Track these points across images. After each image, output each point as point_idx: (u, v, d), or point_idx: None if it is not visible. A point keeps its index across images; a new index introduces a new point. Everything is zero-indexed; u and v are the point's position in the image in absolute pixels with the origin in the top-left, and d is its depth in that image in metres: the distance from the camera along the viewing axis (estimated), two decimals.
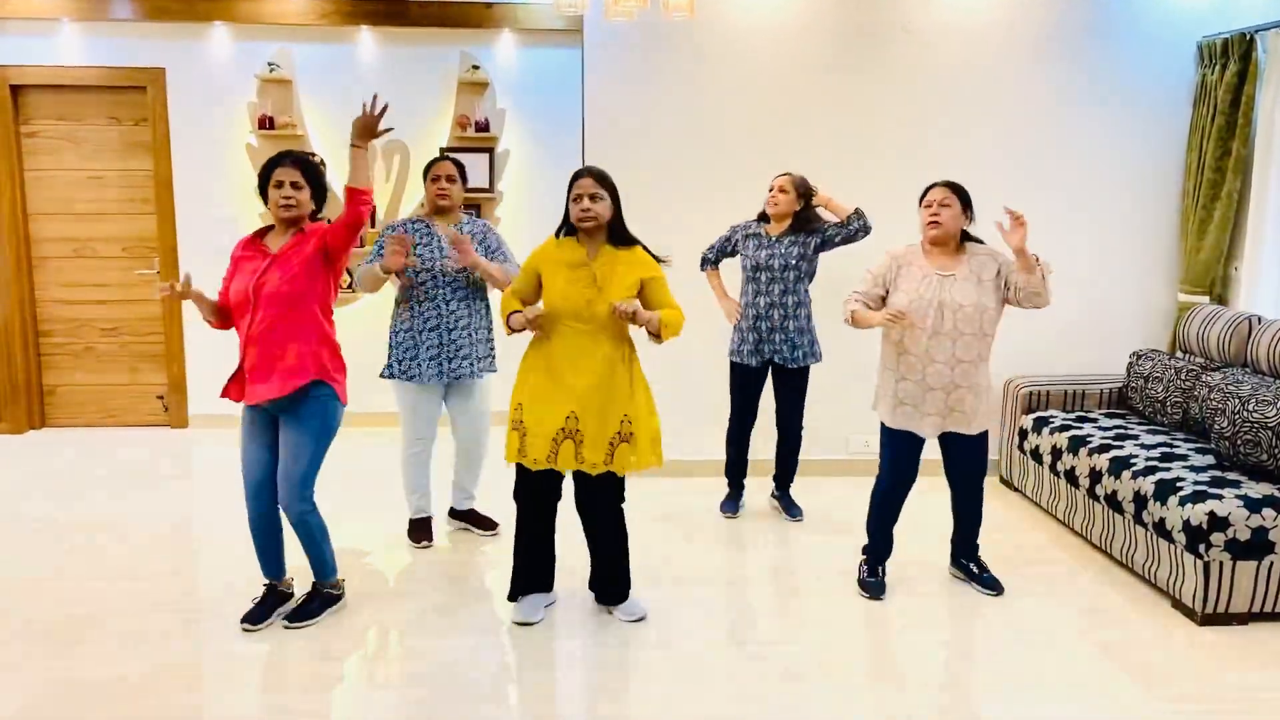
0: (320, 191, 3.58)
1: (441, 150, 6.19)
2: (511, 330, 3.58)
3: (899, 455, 3.96)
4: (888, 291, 3.88)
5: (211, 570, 4.22)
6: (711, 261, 4.80)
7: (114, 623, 3.70)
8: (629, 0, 4.06)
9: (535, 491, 3.67)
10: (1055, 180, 5.40)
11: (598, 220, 3.52)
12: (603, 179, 3.54)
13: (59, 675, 3.31)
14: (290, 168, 3.48)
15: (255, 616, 3.68)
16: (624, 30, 5.24)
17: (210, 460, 5.87)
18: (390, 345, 4.32)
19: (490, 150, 6.30)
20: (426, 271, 4.20)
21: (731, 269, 4.95)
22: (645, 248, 3.62)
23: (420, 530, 4.51)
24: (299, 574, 3.98)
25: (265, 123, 6.13)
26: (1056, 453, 4.73)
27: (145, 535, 4.59)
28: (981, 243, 3.88)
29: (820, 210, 4.65)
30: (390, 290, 5.64)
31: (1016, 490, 5.27)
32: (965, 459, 3.97)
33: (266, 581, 3.77)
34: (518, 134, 6.38)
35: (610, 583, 3.80)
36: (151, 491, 5.24)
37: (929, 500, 4.99)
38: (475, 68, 6.20)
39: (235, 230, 6.31)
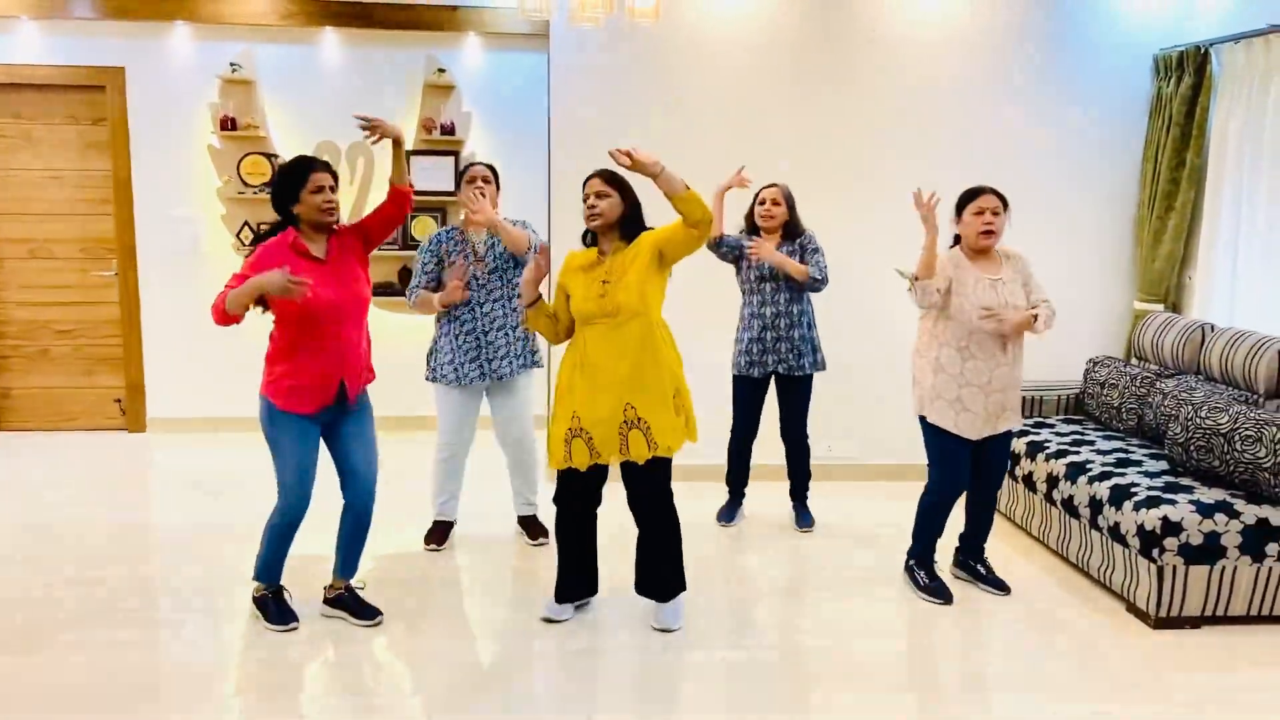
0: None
1: (407, 155, 6.16)
2: (528, 310, 3.67)
3: (955, 461, 3.98)
4: (948, 286, 3.87)
5: (170, 574, 4.17)
6: (719, 242, 4.60)
7: (71, 629, 3.64)
8: (594, 6, 4.06)
9: (580, 496, 3.70)
10: (1014, 189, 5.45)
11: (605, 219, 3.56)
12: (611, 178, 3.59)
13: (9, 680, 3.25)
14: (324, 172, 3.45)
15: (368, 611, 3.73)
16: (590, 35, 5.25)
17: (169, 465, 5.80)
18: (432, 349, 4.39)
19: (456, 154, 6.28)
20: (470, 277, 4.25)
21: (723, 279, 4.91)
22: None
23: (435, 534, 4.52)
24: (290, 575, 3.94)
25: (227, 124, 6.07)
26: (1015, 458, 4.79)
27: (101, 540, 4.52)
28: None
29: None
30: None
31: None
32: (1000, 456, 4.06)
33: (343, 585, 3.79)
34: (484, 137, 6.36)
35: (664, 579, 3.75)
36: (109, 496, 5.17)
37: (878, 505, 5.04)
38: (441, 71, 6.18)
39: (195, 232, 6.25)
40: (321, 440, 3.64)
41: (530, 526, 4.62)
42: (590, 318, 3.55)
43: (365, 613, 3.72)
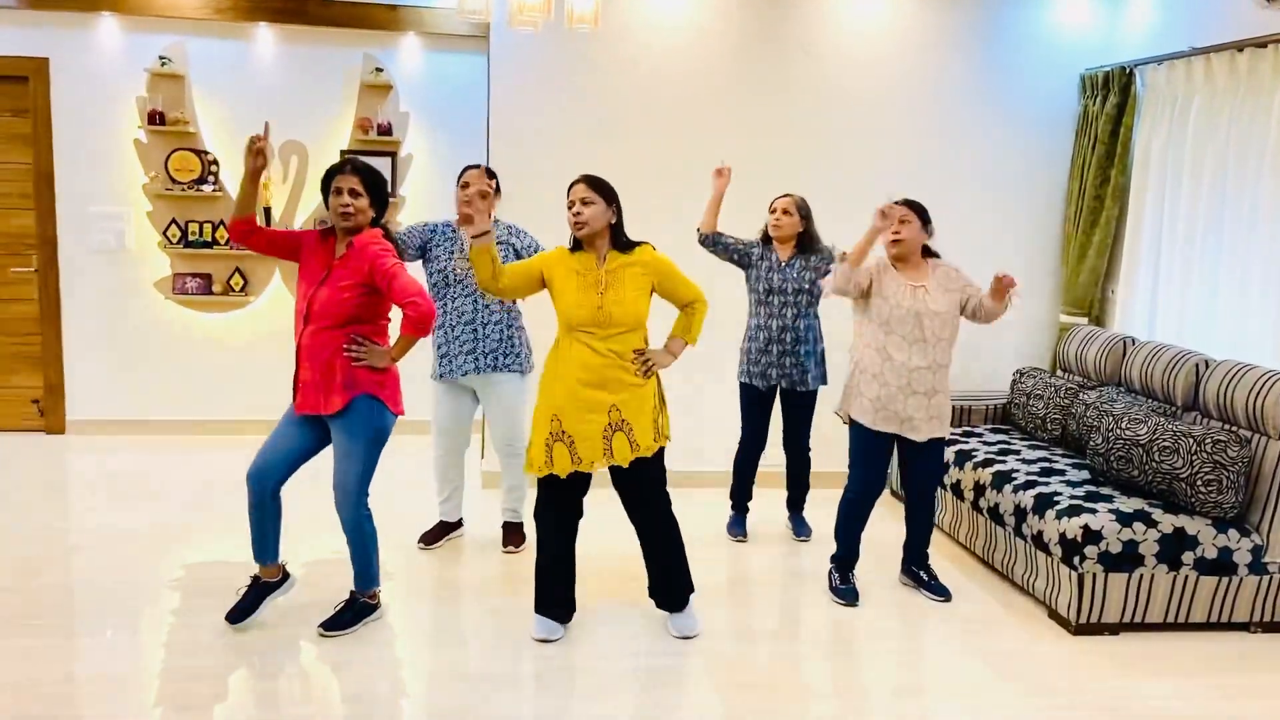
0: (382, 199, 3.51)
1: (343, 154, 6.08)
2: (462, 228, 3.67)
3: (873, 460, 4.06)
4: (871, 286, 3.98)
5: (88, 580, 4.04)
6: (713, 240, 4.60)
7: None
8: (533, 10, 4.04)
9: (561, 507, 3.64)
10: (943, 203, 5.56)
11: (590, 225, 3.50)
12: (595, 184, 3.53)
13: None
14: (350, 174, 3.42)
15: (238, 614, 3.65)
16: (529, 39, 5.23)
17: (88, 468, 5.63)
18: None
19: (393, 154, 6.21)
20: (438, 273, 4.28)
21: (732, 285, 4.87)
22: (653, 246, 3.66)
23: (432, 532, 4.56)
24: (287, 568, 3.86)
25: (155, 118, 5.93)
26: (944, 467, 4.87)
27: (17, 545, 4.37)
28: (938, 256, 4.10)
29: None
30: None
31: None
32: (930, 462, 4.11)
33: (255, 572, 3.75)
34: (421, 138, 6.30)
35: (674, 587, 3.76)
36: (25, 500, 5.00)
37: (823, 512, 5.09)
38: (379, 70, 6.10)
39: (119, 228, 6.08)
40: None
41: (510, 533, 4.58)
42: (582, 326, 3.50)
43: (336, 623, 3.69)
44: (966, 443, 4.92)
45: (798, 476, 4.87)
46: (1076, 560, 3.83)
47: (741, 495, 4.88)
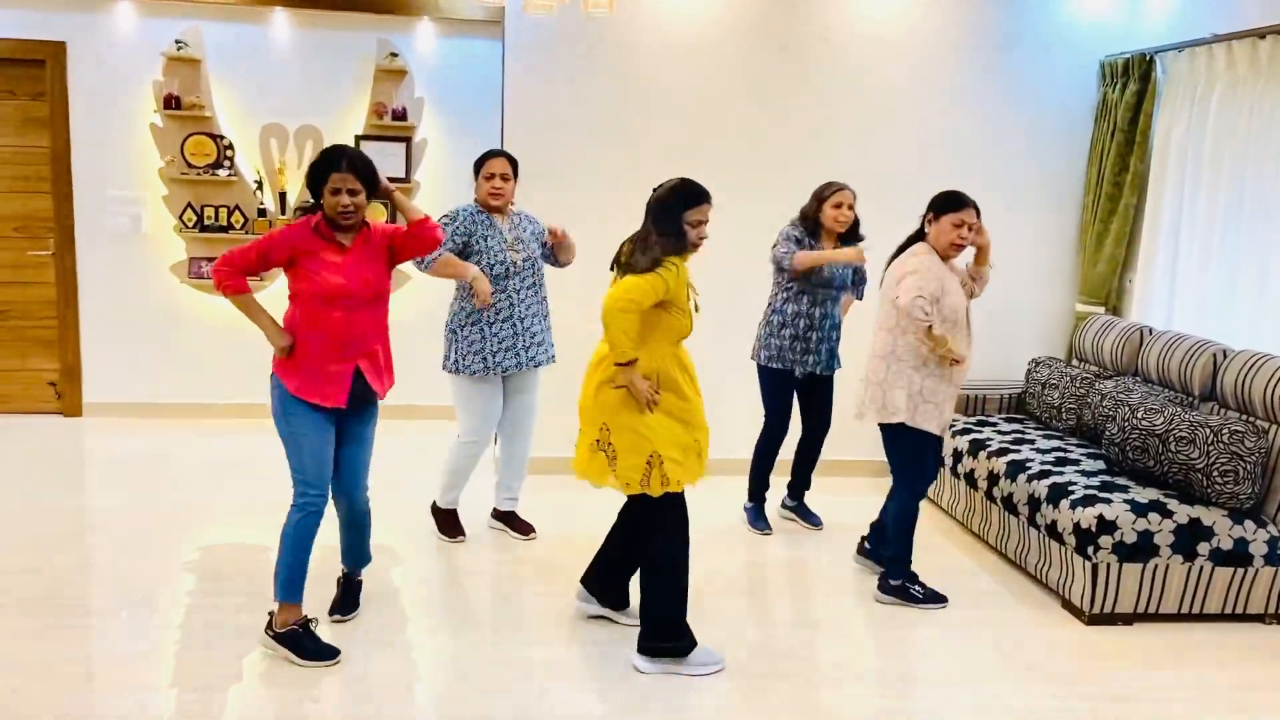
0: (373, 186, 3.38)
1: (357, 139, 6.08)
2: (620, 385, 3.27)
3: (929, 467, 4.01)
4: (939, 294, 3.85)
5: (106, 562, 4.08)
6: (790, 256, 4.43)
7: (2, 617, 3.56)
8: None
9: (687, 519, 3.41)
10: (962, 190, 5.52)
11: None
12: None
13: None
14: (347, 173, 3.25)
15: (346, 607, 3.70)
16: (545, 24, 5.21)
17: (104, 450, 5.67)
18: (453, 339, 4.24)
19: (408, 139, 6.21)
20: (500, 264, 4.16)
21: (739, 273, 4.82)
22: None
23: (456, 525, 4.50)
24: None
25: (171, 102, 5.94)
26: (958, 456, 4.85)
27: (34, 526, 4.41)
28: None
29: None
30: (438, 284, 5.52)
31: None
32: (940, 450, 4.12)
33: (344, 570, 3.76)
34: (436, 124, 6.30)
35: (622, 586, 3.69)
36: (42, 482, 5.04)
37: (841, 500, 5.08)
38: (394, 55, 6.09)
39: (135, 212, 6.10)
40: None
41: (514, 521, 4.57)
42: (685, 338, 3.39)
43: (341, 606, 3.69)
44: (981, 432, 4.90)
45: (809, 461, 4.85)
46: (1091, 550, 3.81)
47: (761, 486, 4.83)
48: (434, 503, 4.55)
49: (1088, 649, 3.68)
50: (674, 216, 3.26)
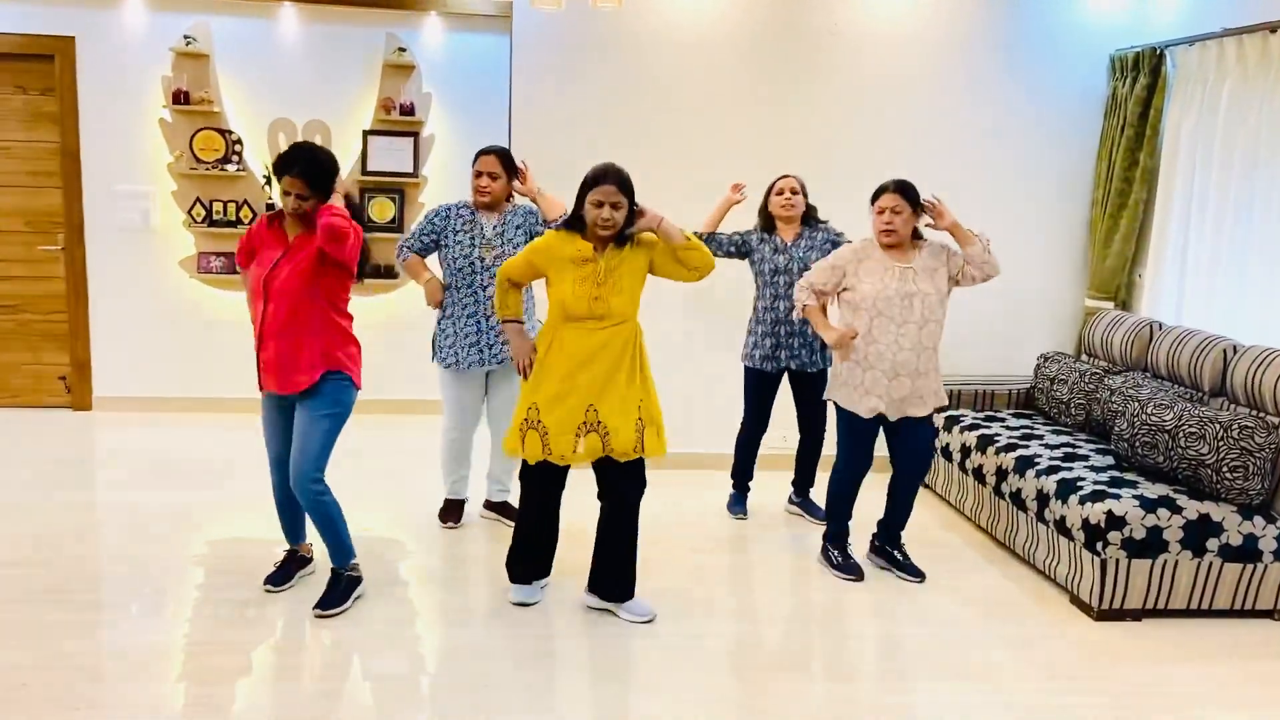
0: (328, 185, 3.49)
1: (365, 133, 6.08)
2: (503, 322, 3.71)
3: (862, 441, 4.09)
4: (844, 284, 4.01)
5: (115, 555, 4.09)
6: (708, 239, 4.59)
7: (11, 610, 3.57)
8: None
9: (545, 476, 3.67)
10: (969, 185, 5.52)
11: (615, 229, 3.47)
12: (625, 185, 3.45)
13: None
14: (296, 178, 3.42)
15: (277, 578, 3.83)
16: (552, 19, 5.21)
17: (114, 444, 5.69)
18: (436, 332, 4.37)
19: (415, 134, 6.21)
20: (464, 259, 4.21)
21: (736, 270, 4.86)
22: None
23: (451, 511, 4.58)
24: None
25: (179, 97, 5.95)
26: (966, 450, 4.84)
27: (44, 520, 4.43)
28: (923, 237, 4.06)
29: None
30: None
31: (927, 487, 5.38)
32: (917, 440, 4.11)
33: (287, 546, 3.95)
34: (444, 119, 6.30)
35: (619, 578, 3.73)
36: (52, 475, 5.06)
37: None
38: (401, 50, 6.10)
39: (144, 207, 6.12)
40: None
41: (506, 510, 4.62)
42: (578, 318, 3.48)
43: (328, 602, 3.68)
44: (989, 427, 4.89)
45: (810, 458, 4.86)
46: (1100, 546, 3.80)
47: (743, 475, 4.91)
48: (501, 501, 4.67)
49: (1096, 645, 3.68)
50: (579, 197, 3.50)
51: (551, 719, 3.05)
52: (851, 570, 4.18)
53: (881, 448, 4.22)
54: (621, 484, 3.63)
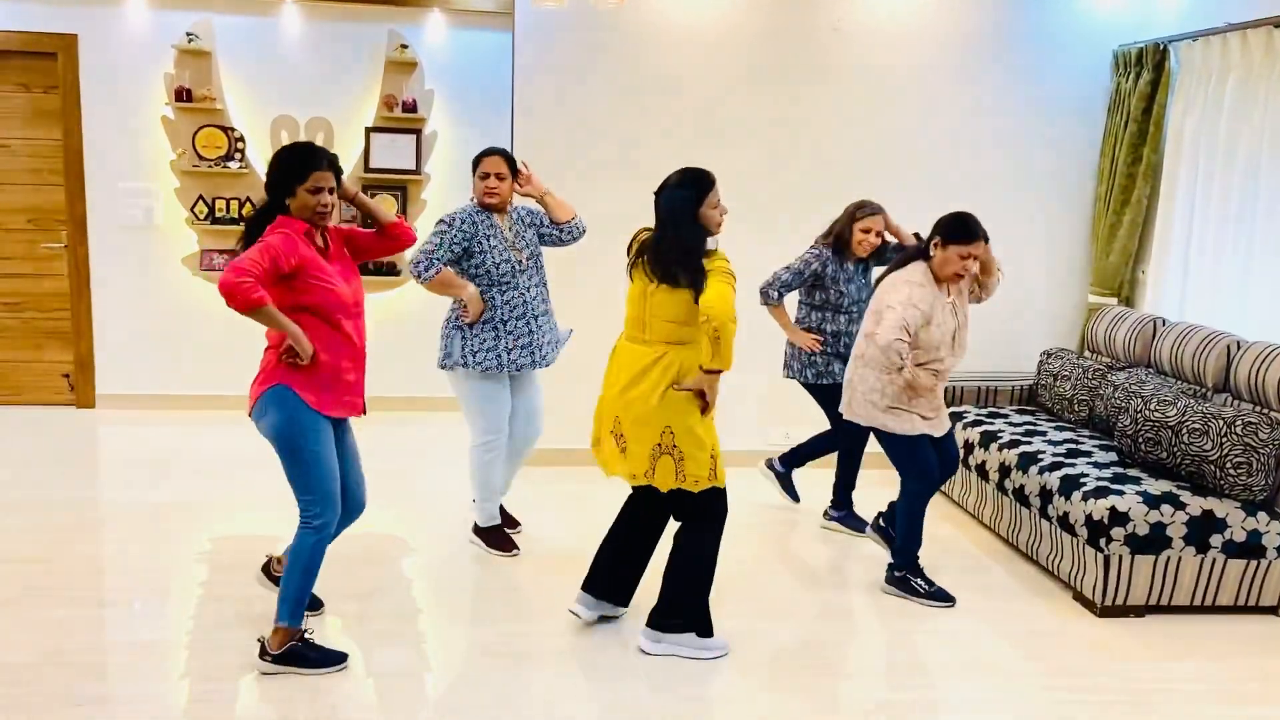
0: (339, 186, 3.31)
1: (369, 129, 6.08)
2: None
3: (928, 456, 3.96)
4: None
5: (118, 553, 4.10)
6: (778, 297, 4.46)
7: (14, 607, 3.57)
8: None
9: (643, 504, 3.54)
10: (972, 182, 5.51)
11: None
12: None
13: None
14: (329, 171, 3.14)
15: (315, 601, 3.59)
16: (555, 16, 5.20)
17: (118, 442, 5.70)
18: (455, 336, 4.09)
19: (418, 131, 6.21)
20: (506, 263, 4.07)
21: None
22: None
23: (504, 538, 4.33)
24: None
25: (182, 95, 5.95)
26: (969, 448, 4.84)
27: (47, 517, 4.43)
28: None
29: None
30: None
31: None
32: (952, 446, 4.13)
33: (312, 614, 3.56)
34: (446, 116, 6.29)
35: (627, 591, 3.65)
36: (55, 473, 5.07)
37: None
38: (404, 47, 6.09)
39: (147, 204, 6.12)
40: None
41: (501, 515, 4.50)
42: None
43: (311, 603, 3.55)
44: (992, 424, 4.88)
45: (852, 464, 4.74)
46: (1103, 542, 3.80)
47: (847, 486, 4.74)
48: (474, 524, 4.38)
49: (1099, 641, 3.67)
50: (690, 208, 3.28)
51: (553, 719, 3.05)
52: (942, 597, 3.97)
53: (874, 445, 4.20)
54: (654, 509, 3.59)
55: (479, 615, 3.71)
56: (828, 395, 4.57)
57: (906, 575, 4.03)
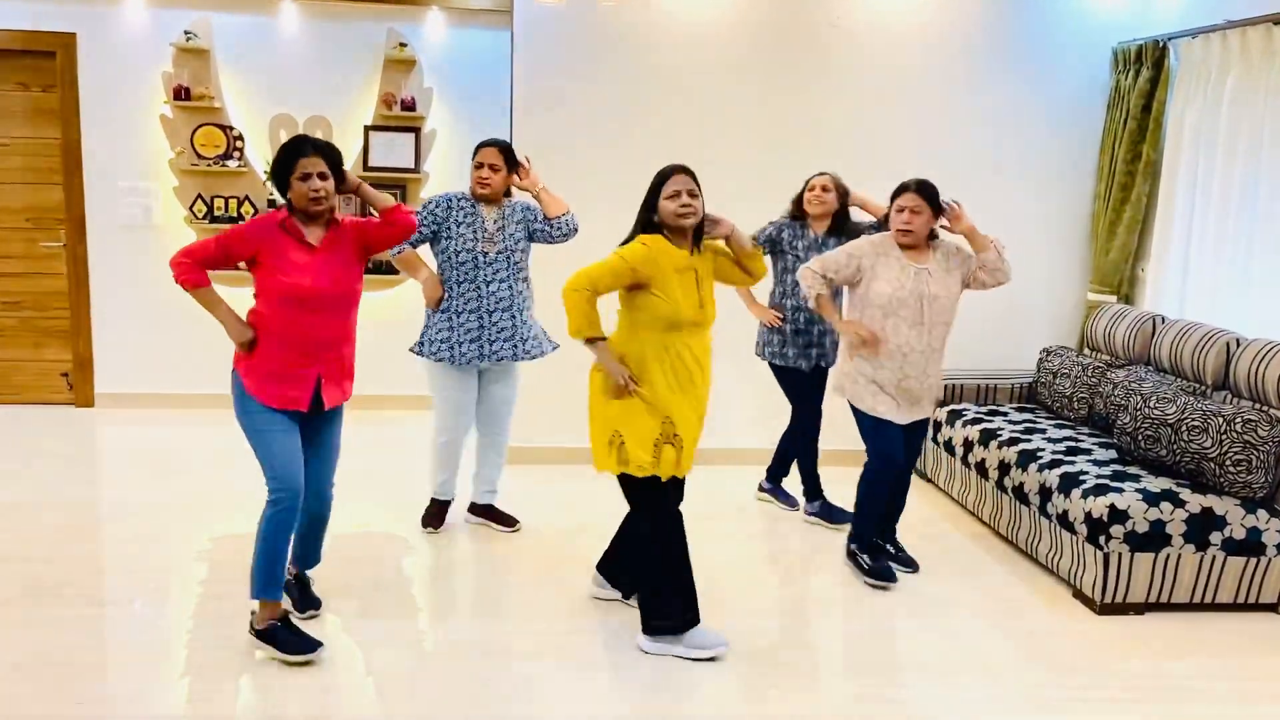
0: (340, 176, 3.31)
1: (367, 129, 6.08)
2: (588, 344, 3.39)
3: (890, 438, 4.01)
4: (859, 276, 3.94)
5: (118, 552, 4.10)
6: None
7: (15, 607, 3.57)
8: None
9: (672, 504, 3.43)
10: (972, 178, 5.50)
11: (697, 216, 3.32)
12: (694, 177, 3.35)
13: None
14: (315, 156, 3.18)
15: (315, 602, 3.60)
16: (554, 13, 5.20)
17: (117, 441, 5.70)
18: (426, 321, 4.23)
19: (417, 130, 6.21)
20: (467, 253, 4.11)
21: None
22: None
23: (435, 514, 4.46)
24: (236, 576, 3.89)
25: (180, 93, 5.95)
26: (968, 445, 4.84)
27: (46, 516, 4.43)
28: (938, 237, 4.02)
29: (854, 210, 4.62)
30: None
31: (930, 481, 5.38)
32: (916, 440, 4.13)
33: (294, 571, 3.61)
34: (445, 114, 6.29)
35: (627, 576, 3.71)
36: (54, 472, 5.07)
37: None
38: (403, 45, 6.09)
39: (146, 203, 6.12)
40: None
41: (494, 514, 4.53)
42: (685, 325, 3.31)
43: (306, 603, 3.60)
44: (991, 421, 4.88)
45: (793, 448, 4.81)
46: (1102, 540, 3.80)
47: (815, 475, 4.78)
48: (486, 504, 4.55)
49: (1099, 639, 3.67)
50: (649, 197, 3.36)
51: (549, 715, 3.05)
52: (884, 575, 4.04)
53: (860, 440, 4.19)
54: (679, 498, 3.52)
55: (479, 614, 3.71)
56: (781, 377, 4.68)
57: (854, 550, 4.15)
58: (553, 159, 5.21)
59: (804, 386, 4.64)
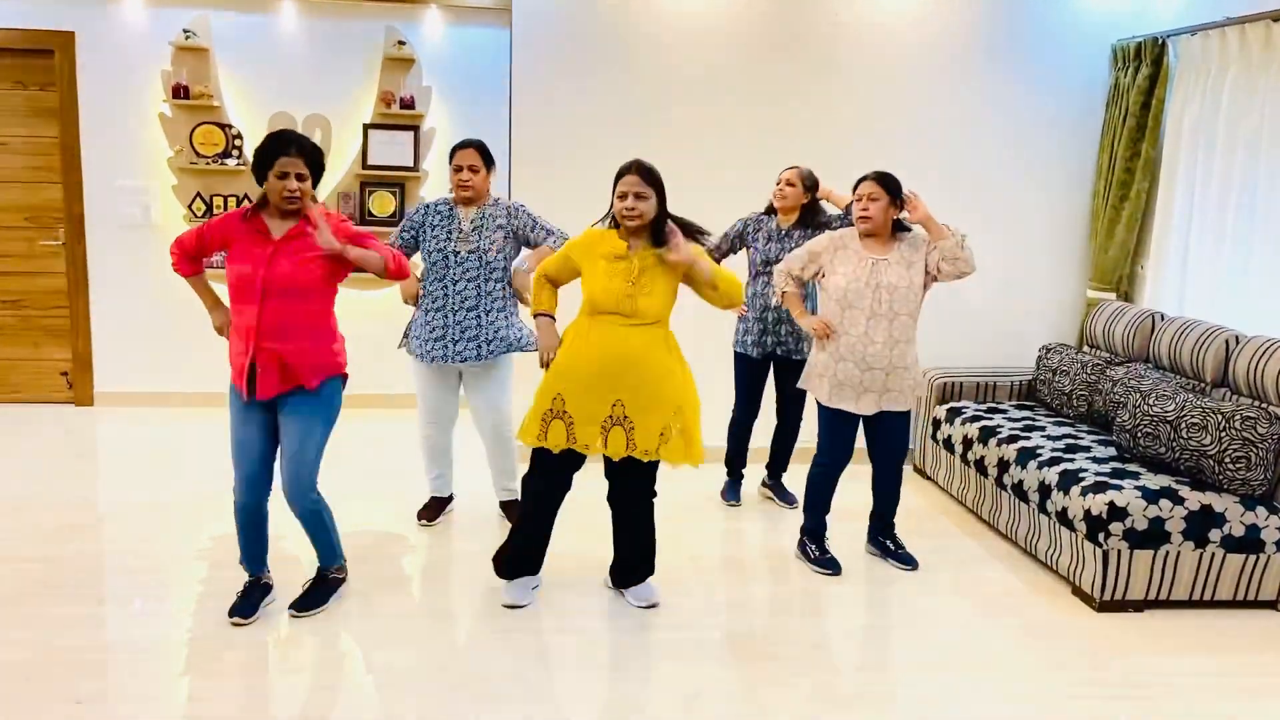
0: (319, 175, 3.36)
1: (373, 124, 6.07)
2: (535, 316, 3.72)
3: (838, 433, 4.08)
4: (822, 271, 4.03)
5: (116, 551, 4.10)
6: (716, 258, 4.65)
7: (13, 605, 3.57)
8: None
9: (553, 479, 3.66)
10: (971, 178, 5.51)
11: (642, 220, 3.48)
12: (649, 176, 3.48)
13: None
14: (295, 157, 3.25)
15: (245, 610, 3.51)
16: (553, 11, 5.20)
17: (116, 439, 5.70)
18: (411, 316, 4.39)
19: (415, 128, 6.20)
20: (439, 252, 4.17)
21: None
22: (693, 226, 3.63)
23: (429, 509, 4.55)
24: (278, 561, 3.90)
25: (179, 92, 5.94)
26: (968, 442, 4.84)
27: (45, 515, 4.43)
28: (909, 230, 4.03)
29: (823, 203, 4.67)
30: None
31: (929, 479, 5.38)
32: (892, 436, 4.13)
33: (250, 577, 3.61)
34: (444, 112, 6.28)
35: (635, 569, 3.79)
36: (53, 470, 5.07)
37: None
38: (401, 43, 6.08)
39: (145, 201, 6.11)
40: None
41: (511, 510, 4.54)
42: (606, 311, 3.50)
43: (309, 602, 3.63)
44: (990, 419, 4.88)
45: (784, 443, 4.90)
46: (1101, 537, 3.80)
47: (737, 463, 4.95)
48: (501, 500, 4.61)
49: (1098, 636, 3.68)
50: (612, 191, 3.55)
51: (547, 712, 3.05)
52: (829, 565, 4.15)
53: (861, 439, 4.20)
54: (633, 483, 3.65)
55: (479, 614, 3.71)
56: (735, 362, 4.79)
57: (803, 539, 4.24)
58: (551, 156, 5.22)
59: (751, 375, 4.76)
